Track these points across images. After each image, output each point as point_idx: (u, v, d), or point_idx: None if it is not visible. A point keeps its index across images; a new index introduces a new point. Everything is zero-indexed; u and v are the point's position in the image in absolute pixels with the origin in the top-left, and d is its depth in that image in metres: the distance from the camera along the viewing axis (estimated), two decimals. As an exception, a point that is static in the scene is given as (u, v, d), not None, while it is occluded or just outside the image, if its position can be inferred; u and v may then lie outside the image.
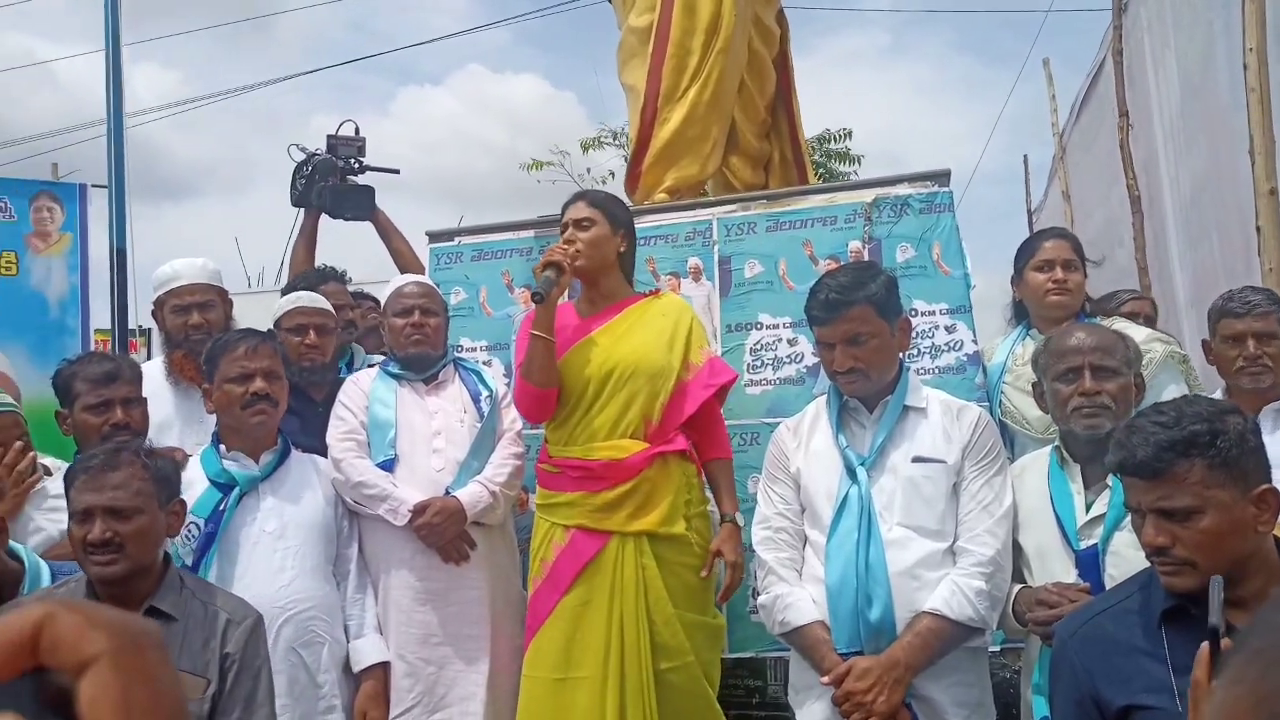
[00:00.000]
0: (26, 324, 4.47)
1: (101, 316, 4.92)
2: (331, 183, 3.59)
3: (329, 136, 3.65)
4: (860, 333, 2.28)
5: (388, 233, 3.75)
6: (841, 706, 2.12)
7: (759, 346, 3.20)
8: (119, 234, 4.67)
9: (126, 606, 1.93)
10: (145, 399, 2.75)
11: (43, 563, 2.19)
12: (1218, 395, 2.71)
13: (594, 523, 2.58)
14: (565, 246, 2.67)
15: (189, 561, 2.47)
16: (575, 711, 2.52)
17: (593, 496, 2.59)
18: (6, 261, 4.48)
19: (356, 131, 3.69)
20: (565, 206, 2.86)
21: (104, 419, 2.62)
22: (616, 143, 12.37)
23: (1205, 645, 1.07)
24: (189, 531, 2.52)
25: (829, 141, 11.61)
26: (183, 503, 2.21)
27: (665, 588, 2.57)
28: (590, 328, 2.74)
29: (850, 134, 11.88)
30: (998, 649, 2.65)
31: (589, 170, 12.43)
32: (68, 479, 2.07)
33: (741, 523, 2.71)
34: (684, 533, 2.63)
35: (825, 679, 2.15)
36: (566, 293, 2.82)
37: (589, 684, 2.52)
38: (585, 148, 12.49)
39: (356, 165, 3.67)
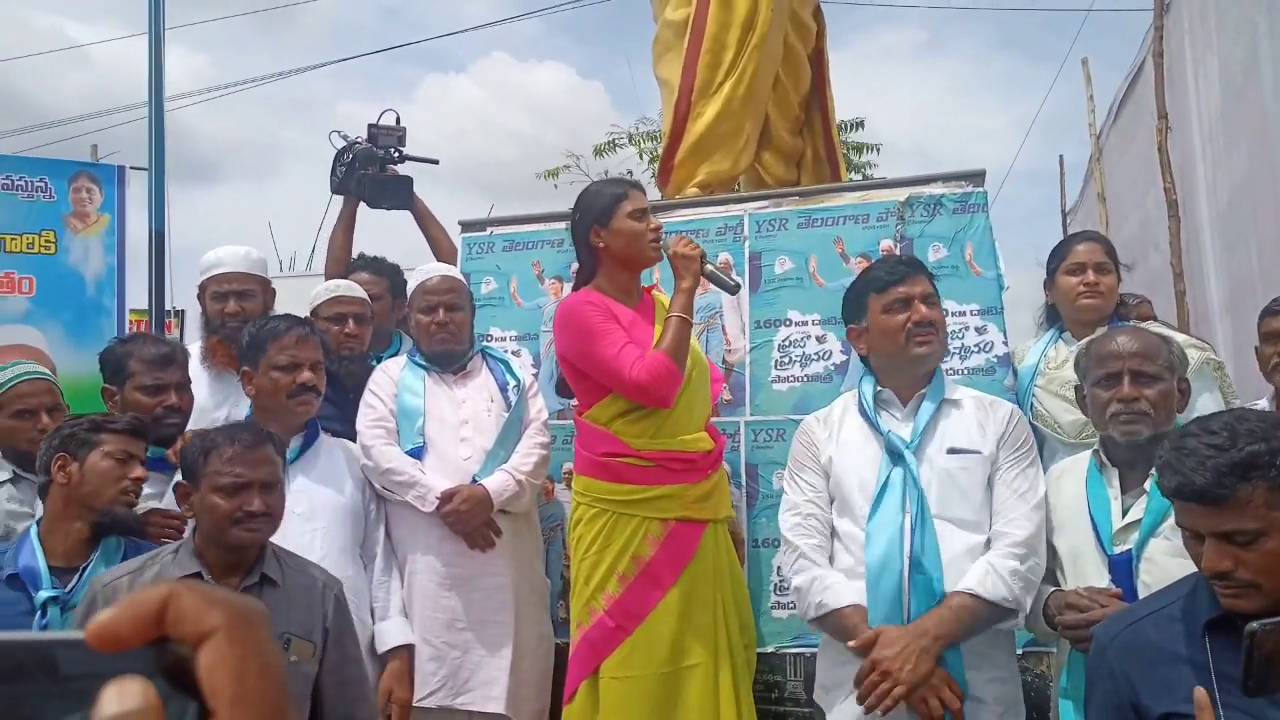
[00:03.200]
0: (64, 302, 4.53)
1: (136, 297, 4.99)
2: (371, 172, 3.60)
3: (370, 126, 3.66)
4: (933, 294, 2.37)
5: (425, 221, 3.78)
6: (869, 675, 2.09)
7: (787, 343, 3.19)
8: (158, 216, 4.74)
9: (239, 573, 2.09)
10: (190, 382, 2.81)
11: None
12: (1262, 404, 2.68)
13: (695, 513, 2.60)
14: (680, 239, 2.71)
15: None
16: (689, 700, 2.53)
17: (694, 488, 2.61)
18: (46, 241, 4.54)
19: (397, 121, 3.69)
20: (633, 190, 2.77)
21: (158, 400, 2.67)
22: (632, 142, 12.38)
23: (1202, 691, 1.07)
24: None
25: (843, 130, 11.53)
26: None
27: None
28: (651, 319, 2.73)
29: (862, 124, 11.80)
30: (1020, 652, 2.64)
31: (606, 172, 12.43)
32: (200, 452, 2.15)
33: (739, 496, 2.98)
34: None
35: (852, 644, 2.14)
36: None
37: (701, 670, 2.54)
38: (599, 152, 12.50)
39: (396, 155, 3.67)
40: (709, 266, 2.66)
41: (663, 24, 3.87)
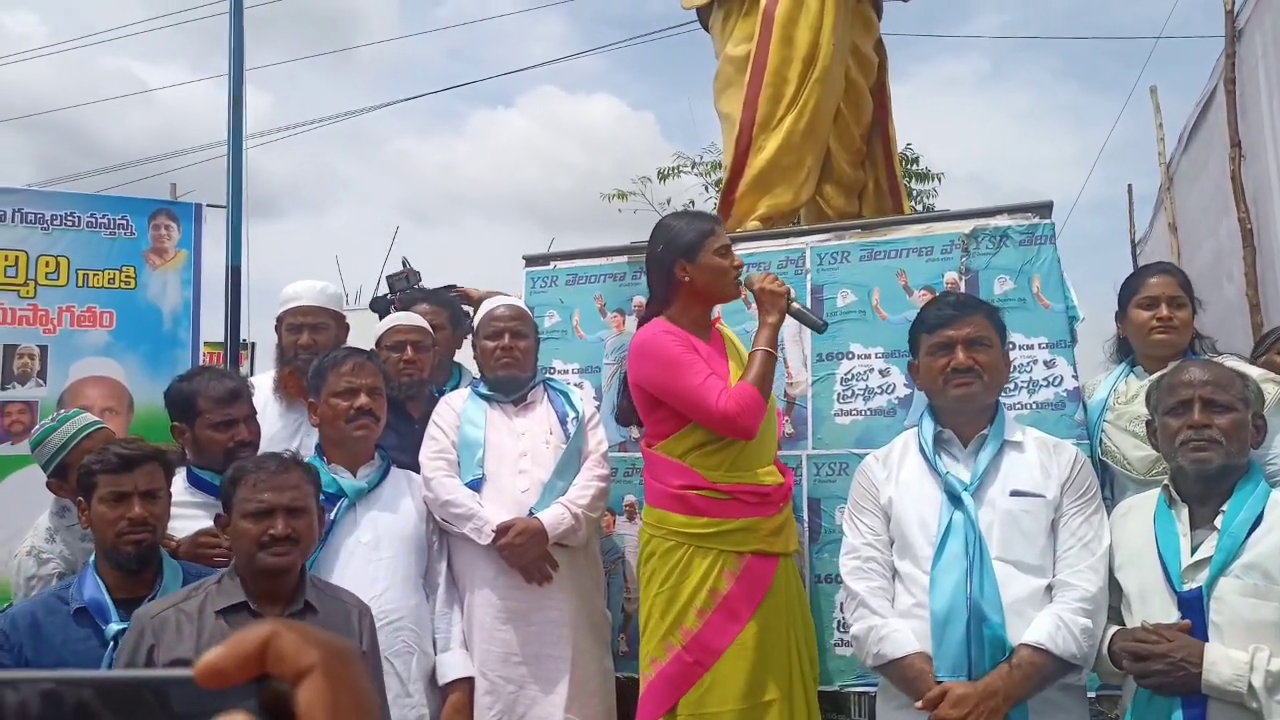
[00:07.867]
0: (142, 335, 4.67)
1: (209, 330, 5.13)
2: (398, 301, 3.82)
3: (389, 278, 3.95)
4: (983, 336, 2.35)
5: (473, 300, 3.81)
6: None
7: (850, 376, 3.17)
8: (234, 252, 4.89)
9: (280, 599, 2.10)
10: (256, 413, 2.87)
11: (178, 563, 2.38)
12: None
13: (769, 546, 2.59)
14: (767, 276, 2.72)
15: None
16: None
17: (768, 521, 2.59)
18: (126, 276, 4.69)
19: (405, 263, 3.97)
20: (718, 227, 2.75)
21: (229, 435, 2.73)
22: (695, 171, 12.39)
23: None
24: None
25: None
26: (324, 508, 2.35)
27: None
28: (722, 351, 2.73)
29: (917, 159, 11.68)
30: (1093, 695, 2.57)
31: (669, 200, 12.42)
32: (234, 480, 2.21)
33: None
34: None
35: (920, 703, 2.12)
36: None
37: (777, 706, 2.52)
38: (663, 176, 12.50)
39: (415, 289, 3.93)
40: (795, 305, 2.67)
41: (724, 60, 3.90)
